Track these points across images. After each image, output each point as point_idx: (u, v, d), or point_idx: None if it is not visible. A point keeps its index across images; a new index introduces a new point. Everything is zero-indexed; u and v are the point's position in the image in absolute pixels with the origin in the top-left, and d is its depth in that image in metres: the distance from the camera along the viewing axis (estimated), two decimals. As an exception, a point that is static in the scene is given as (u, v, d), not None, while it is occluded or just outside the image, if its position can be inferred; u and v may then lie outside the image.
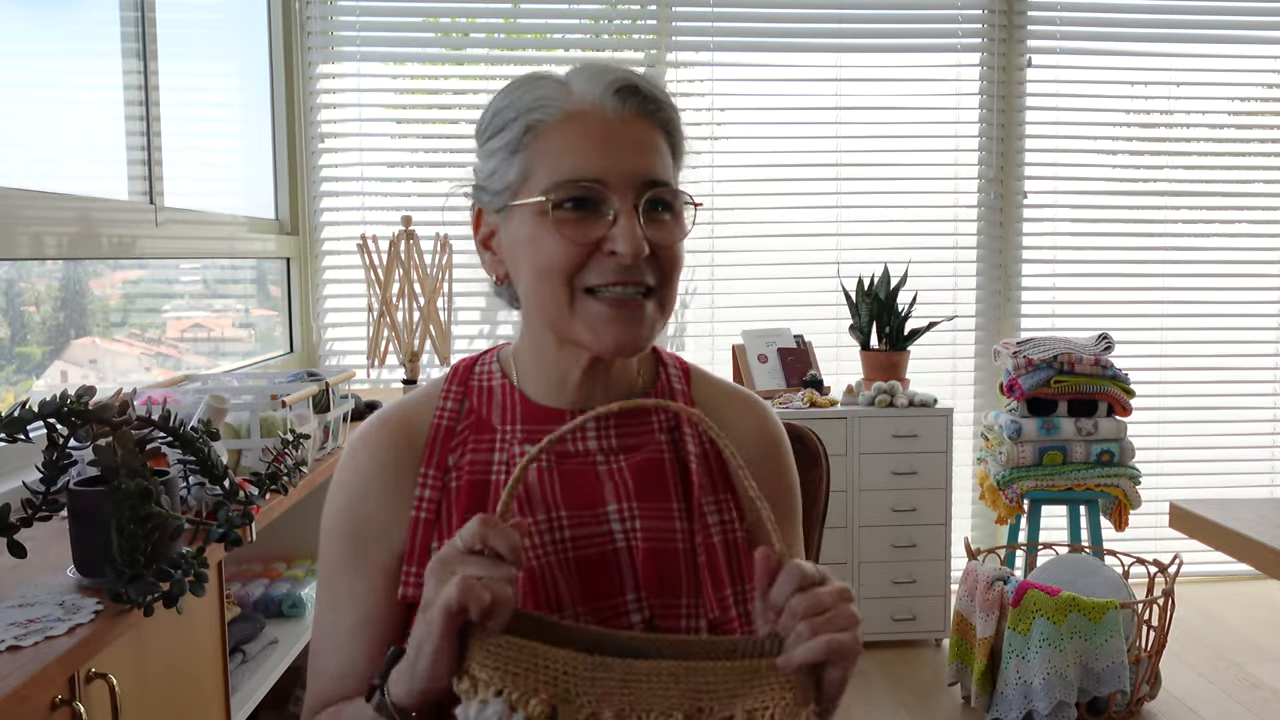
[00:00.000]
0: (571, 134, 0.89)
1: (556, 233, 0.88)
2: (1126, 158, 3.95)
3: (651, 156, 0.91)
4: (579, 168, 0.88)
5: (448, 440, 0.98)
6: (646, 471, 0.96)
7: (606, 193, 0.88)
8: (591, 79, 0.91)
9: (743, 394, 1.07)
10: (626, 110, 0.90)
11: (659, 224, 0.91)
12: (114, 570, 1.22)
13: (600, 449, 0.96)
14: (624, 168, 0.89)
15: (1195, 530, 1.69)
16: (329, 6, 3.57)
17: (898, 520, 3.36)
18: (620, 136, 0.89)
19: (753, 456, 1.00)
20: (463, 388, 1.01)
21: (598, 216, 0.89)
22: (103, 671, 1.18)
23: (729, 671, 0.78)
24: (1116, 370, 3.25)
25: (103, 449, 1.22)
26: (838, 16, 3.76)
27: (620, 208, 0.88)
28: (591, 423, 0.96)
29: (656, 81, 0.94)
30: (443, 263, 3.25)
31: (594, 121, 0.89)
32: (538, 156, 0.90)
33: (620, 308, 0.90)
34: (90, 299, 2.35)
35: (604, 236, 0.88)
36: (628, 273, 0.89)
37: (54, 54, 2.21)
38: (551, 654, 0.77)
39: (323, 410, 2.14)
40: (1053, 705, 2.71)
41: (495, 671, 0.76)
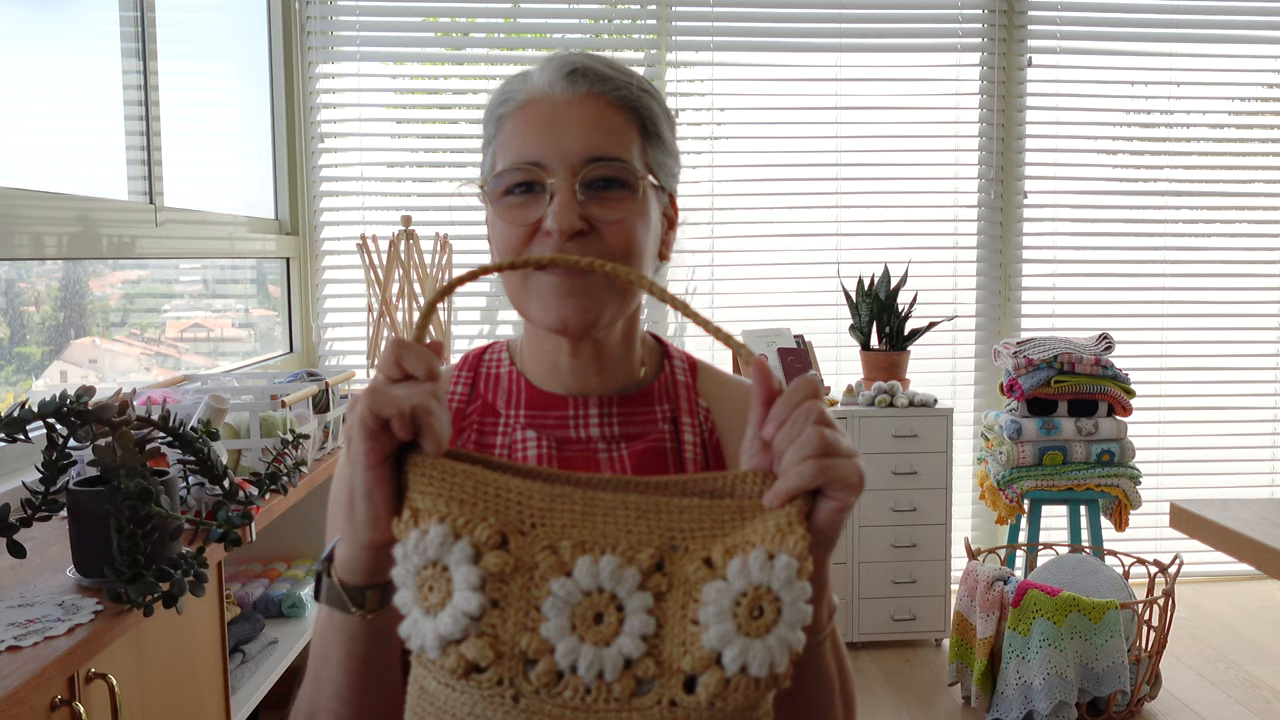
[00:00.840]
0: (521, 121, 0.91)
1: (502, 218, 0.91)
2: (1126, 158, 3.95)
3: (597, 133, 0.90)
4: (522, 152, 0.90)
5: (457, 422, 0.99)
6: (646, 460, 0.96)
7: (543, 174, 0.89)
8: (548, 66, 0.92)
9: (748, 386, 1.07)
10: (576, 91, 0.91)
11: (605, 200, 0.90)
12: (114, 570, 1.22)
13: (602, 436, 0.96)
14: (563, 147, 0.89)
15: (1195, 530, 1.69)
16: (329, 6, 3.57)
17: (898, 520, 3.36)
18: (565, 118, 0.90)
19: None
20: (472, 373, 1.03)
21: (539, 198, 0.89)
22: (102, 671, 1.18)
23: (706, 510, 0.69)
24: (1116, 370, 3.25)
25: (102, 449, 1.22)
26: (838, 16, 3.76)
27: (558, 186, 0.88)
28: (595, 410, 0.96)
29: (620, 65, 0.94)
30: (443, 263, 3.25)
31: (544, 106, 0.91)
32: (499, 147, 0.93)
33: (560, 281, 0.89)
34: (90, 299, 2.35)
35: (543, 215, 0.89)
36: (563, 248, 0.89)
37: (54, 54, 2.21)
38: (502, 480, 0.68)
39: (322, 410, 2.14)
40: (1053, 705, 2.71)
41: (438, 498, 0.66)
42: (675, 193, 0.99)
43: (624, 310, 0.95)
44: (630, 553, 0.66)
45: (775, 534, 0.66)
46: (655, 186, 0.94)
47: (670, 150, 0.97)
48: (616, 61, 0.94)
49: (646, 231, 0.93)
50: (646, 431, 0.97)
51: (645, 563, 0.66)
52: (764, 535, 0.66)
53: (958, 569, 3.46)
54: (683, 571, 0.67)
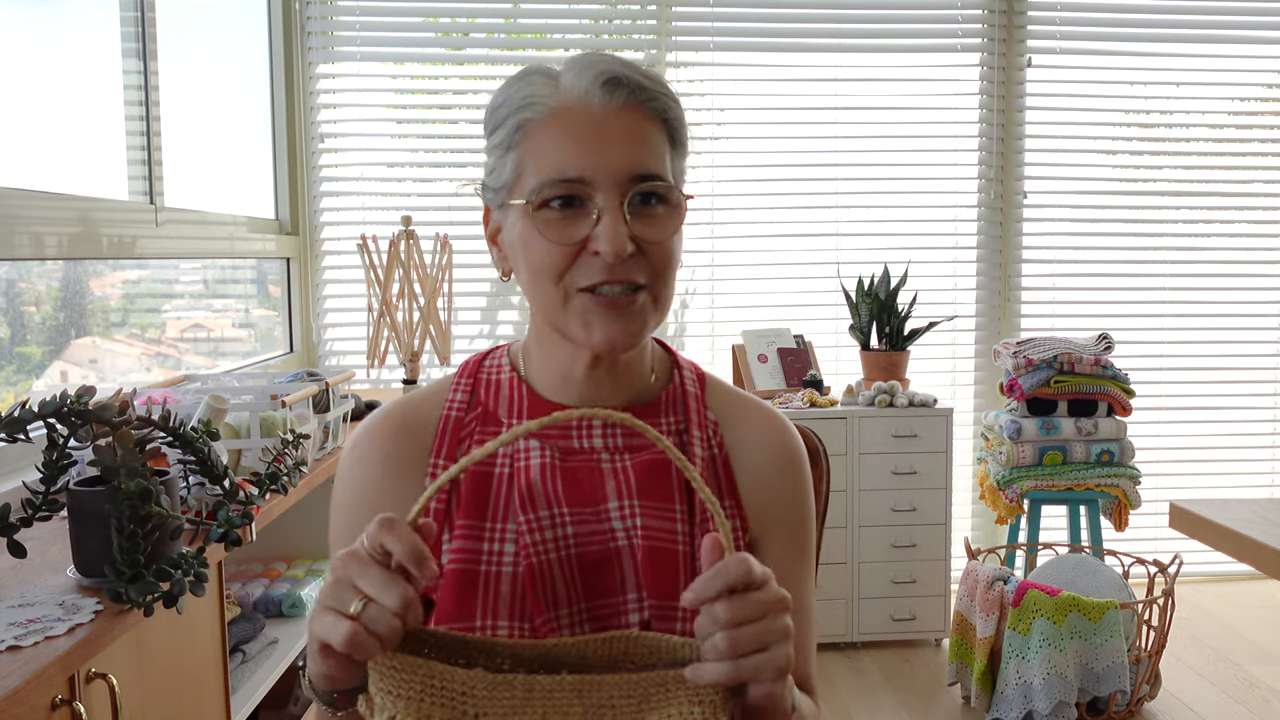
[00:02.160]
0: (557, 131, 0.88)
1: (542, 235, 0.88)
2: (1126, 158, 3.95)
3: (640, 149, 0.88)
4: (562, 166, 0.87)
5: (457, 431, 0.98)
6: (650, 471, 0.94)
7: (590, 191, 0.87)
8: (580, 72, 0.89)
9: (760, 405, 1.05)
10: (614, 102, 0.88)
11: (649, 219, 0.89)
12: (114, 570, 1.22)
13: (605, 448, 0.95)
14: (609, 163, 0.87)
15: (1195, 530, 1.69)
16: (329, 6, 3.57)
17: (898, 520, 3.36)
18: (606, 131, 0.87)
19: (767, 470, 1.00)
20: (472, 380, 1.01)
21: (583, 215, 0.88)
22: (103, 671, 1.18)
23: (634, 684, 0.74)
24: (1116, 370, 3.25)
25: (103, 449, 1.22)
26: (837, 16, 3.76)
27: (604, 205, 0.87)
28: (597, 421, 0.95)
29: (649, 70, 0.91)
30: (443, 263, 3.25)
31: (579, 117, 0.88)
32: (527, 155, 0.89)
33: (610, 305, 0.89)
34: (90, 299, 2.35)
35: (589, 236, 0.87)
36: (614, 271, 0.88)
37: (54, 54, 2.21)
38: (449, 673, 0.73)
39: (323, 410, 2.14)
40: (1053, 705, 2.71)
41: (389, 696, 0.72)
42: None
43: (659, 323, 0.95)
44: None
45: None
46: (686, 197, 0.93)
47: (687, 154, 0.97)
48: (646, 67, 0.92)
49: (680, 245, 0.93)
50: (650, 444, 0.95)
51: None
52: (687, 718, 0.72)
53: (958, 569, 3.46)
54: None
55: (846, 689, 3.12)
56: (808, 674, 1.03)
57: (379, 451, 0.97)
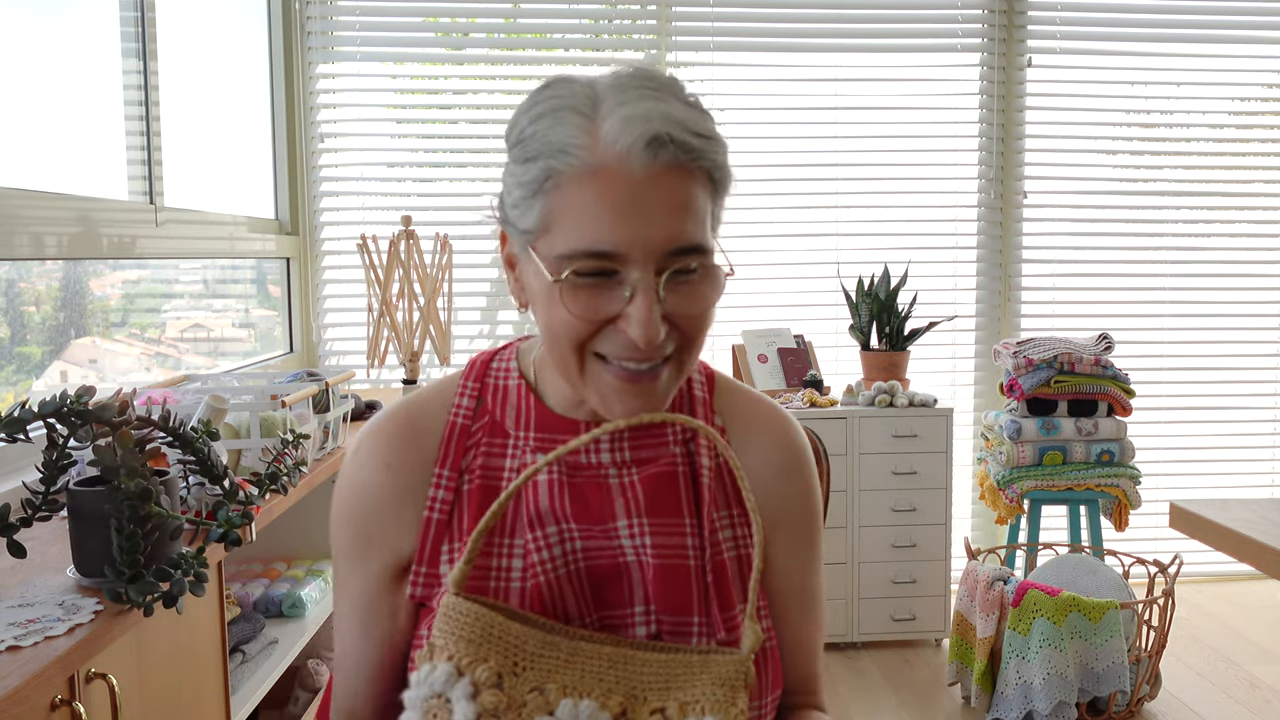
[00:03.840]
0: (591, 195, 0.79)
1: (566, 306, 0.82)
2: (1126, 158, 3.95)
3: (681, 219, 0.81)
4: (595, 238, 0.79)
5: (463, 440, 0.95)
6: (658, 485, 0.93)
7: (624, 267, 0.80)
8: (624, 126, 0.79)
9: (767, 406, 1.02)
10: (658, 164, 0.79)
11: (685, 291, 0.83)
12: (114, 570, 1.22)
13: (613, 461, 0.93)
14: (647, 238, 0.79)
15: (1195, 530, 1.69)
16: (329, 6, 3.57)
17: (898, 520, 3.36)
18: (646, 199, 0.79)
19: (774, 472, 0.99)
20: (479, 385, 0.98)
21: (613, 288, 0.81)
22: (102, 672, 1.18)
23: (664, 664, 0.81)
24: (1116, 370, 3.25)
25: (102, 449, 1.22)
26: (837, 16, 3.76)
27: (639, 283, 0.80)
28: (605, 434, 0.92)
29: (697, 122, 0.82)
30: (443, 263, 3.25)
31: (618, 183, 0.79)
32: (555, 211, 0.81)
33: (632, 381, 0.84)
34: (90, 299, 2.35)
35: (619, 314, 0.81)
36: (640, 353, 0.83)
37: (54, 54, 2.21)
38: (506, 625, 0.81)
39: (323, 410, 2.14)
40: (1053, 705, 2.71)
41: (450, 636, 0.80)
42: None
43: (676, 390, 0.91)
44: (604, 699, 0.80)
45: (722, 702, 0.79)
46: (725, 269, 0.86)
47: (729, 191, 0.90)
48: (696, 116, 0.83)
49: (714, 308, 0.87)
50: (658, 455, 0.94)
51: (615, 709, 0.80)
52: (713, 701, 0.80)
53: (958, 569, 3.46)
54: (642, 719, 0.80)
55: (846, 689, 3.11)
56: (814, 673, 1.03)
57: (378, 460, 0.95)
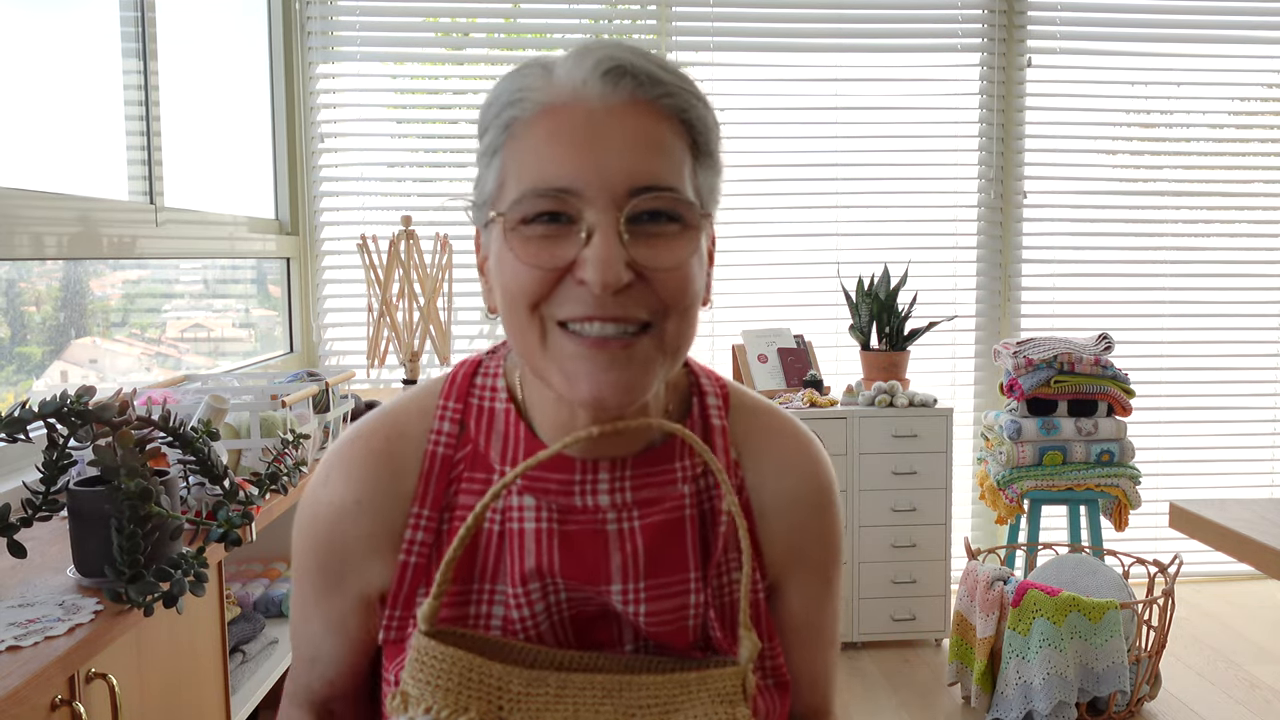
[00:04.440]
0: (544, 131, 0.72)
1: (519, 256, 0.72)
2: (1126, 158, 3.95)
3: (646, 154, 0.72)
4: (546, 174, 0.71)
5: (445, 473, 0.83)
6: (662, 538, 0.81)
7: (578, 204, 0.71)
8: (578, 61, 0.73)
9: (790, 428, 0.90)
10: (617, 96, 0.72)
11: (655, 240, 0.72)
12: (114, 570, 1.22)
13: (613, 504, 0.80)
14: (603, 171, 0.71)
15: (1195, 530, 1.69)
16: (329, 6, 3.57)
17: (898, 520, 3.36)
18: (603, 131, 0.71)
19: (796, 508, 0.87)
20: (461, 405, 0.85)
21: (570, 234, 0.72)
22: (103, 671, 1.19)
23: (660, 685, 0.76)
24: (1116, 370, 3.25)
25: (103, 449, 1.22)
26: (837, 16, 3.76)
27: (596, 223, 0.71)
28: (605, 474, 0.80)
29: (667, 61, 0.76)
30: (443, 263, 3.25)
31: (574, 114, 0.72)
32: (511, 160, 0.74)
33: (599, 349, 0.72)
34: (90, 299, 2.35)
35: (576, 260, 0.71)
36: (603, 306, 0.71)
37: (54, 54, 2.21)
38: (487, 667, 0.74)
39: (323, 410, 2.14)
40: (1053, 705, 2.71)
41: (426, 686, 0.73)
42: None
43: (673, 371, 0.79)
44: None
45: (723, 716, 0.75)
46: (704, 215, 0.76)
47: (719, 169, 0.80)
48: (662, 57, 0.76)
49: (701, 274, 0.76)
50: (663, 496, 0.81)
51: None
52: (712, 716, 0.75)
53: (957, 569, 3.46)
54: None
55: (846, 689, 3.12)
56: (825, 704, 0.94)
57: (353, 493, 0.84)
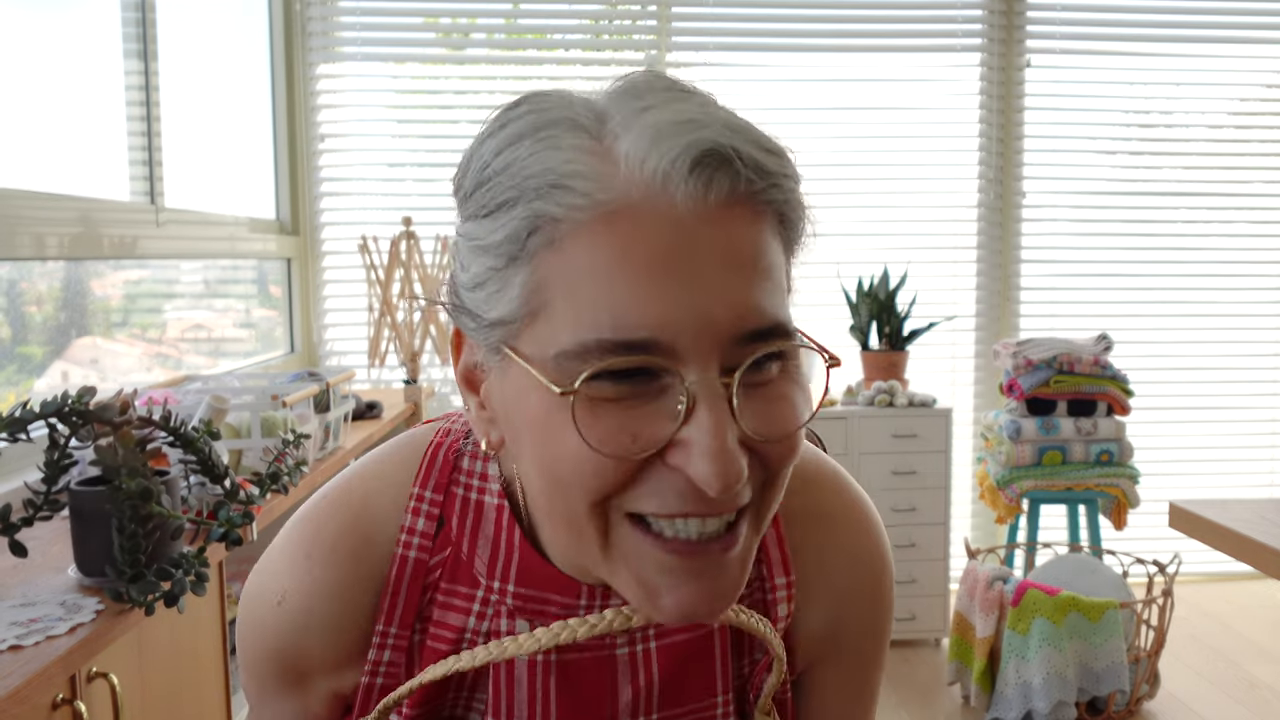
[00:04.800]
0: (613, 252, 0.50)
1: (583, 434, 0.51)
2: (1126, 158, 3.96)
3: (754, 282, 0.53)
4: (624, 320, 0.50)
5: (417, 582, 0.66)
6: (686, 660, 0.66)
7: (669, 361, 0.51)
8: (656, 139, 0.51)
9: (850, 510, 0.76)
10: (713, 199, 0.51)
11: (764, 396, 0.54)
12: (115, 570, 1.22)
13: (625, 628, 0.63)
14: (705, 313, 0.51)
15: (1195, 530, 1.69)
16: (329, 7, 3.57)
17: (897, 520, 3.37)
18: (698, 252, 0.51)
19: (846, 591, 0.74)
20: (441, 496, 0.66)
21: (658, 398, 0.52)
22: (104, 671, 1.19)
23: None
24: (1116, 370, 3.25)
25: (104, 449, 1.22)
26: (837, 17, 3.76)
27: (700, 389, 0.51)
28: (617, 597, 0.63)
29: (763, 133, 0.56)
30: (443, 263, 3.25)
31: (654, 226, 0.50)
32: (549, 283, 0.52)
33: (693, 555, 0.53)
34: (91, 299, 2.36)
35: (671, 442, 0.51)
36: (706, 501, 0.52)
37: (55, 54, 2.22)
38: None
39: (323, 410, 2.14)
40: (1052, 705, 2.71)
41: None
42: None
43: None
44: None
45: None
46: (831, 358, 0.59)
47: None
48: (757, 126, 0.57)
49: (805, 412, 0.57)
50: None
51: None
52: None
53: (957, 569, 3.46)
54: None
55: (846, 689, 3.12)
56: None
57: (303, 606, 0.67)
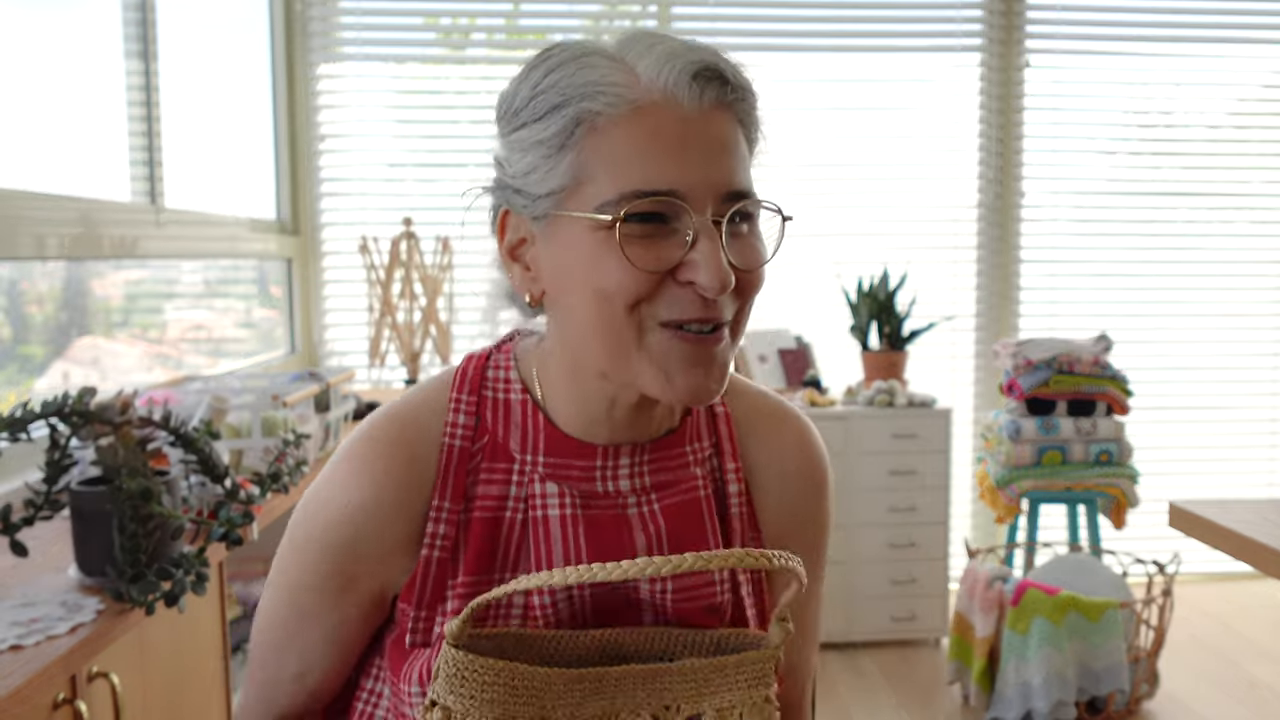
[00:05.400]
0: (640, 133, 0.74)
1: (623, 256, 0.74)
2: (1126, 158, 3.96)
3: (734, 160, 0.77)
4: (650, 177, 0.74)
5: (463, 465, 0.84)
6: (682, 518, 0.85)
7: (683, 208, 0.75)
8: (664, 61, 0.76)
9: (782, 410, 0.95)
10: (705, 101, 0.76)
11: (742, 243, 0.78)
12: (116, 570, 1.22)
13: (632, 489, 0.84)
14: (706, 176, 0.75)
15: (1194, 530, 1.69)
16: (329, 7, 3.57)
17: (897, 520, 3.37)
18: (699, 137, 0.75)
19: (786, 488, 0.92)
20: (475, 398, 0.86)
21: (672, 235, 0.75)
22: (104, 671, 1.19)
23: (694, 671, 0.80)
24: (1115, 370, 3.25)
25: (104, 449, 1.22)
26: (837, 17, 3.77)
27: (699, 227, 0.75)
28: (626, 459, 0.84)
29: (738, 63, 0.81)
30: (443, 263, 3.25)
31: (668, 118, 0.75)
32: (595, 158, 0.75)
33: (697, 345, 0.77)
34: (92, 299, 2.36)
35: (681, 263, 0.75)
36: (709, 308, 0.76)
37: (55, 54, 2.22)
38: (530, 673, 0.76)
39: (324, 410, 2.15)
40: (1052, 704, 2.71)
41: (471, 701, 0.75)
42: None
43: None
44: (632, 715, 0.79)
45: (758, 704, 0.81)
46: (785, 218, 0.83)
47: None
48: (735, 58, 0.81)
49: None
50: (678, 479, 0.86)
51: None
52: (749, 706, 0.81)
53: (957, 568, 3.47)
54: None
55: (846, 689, 3.12)
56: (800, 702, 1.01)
57: (391, 479, 0.84)
